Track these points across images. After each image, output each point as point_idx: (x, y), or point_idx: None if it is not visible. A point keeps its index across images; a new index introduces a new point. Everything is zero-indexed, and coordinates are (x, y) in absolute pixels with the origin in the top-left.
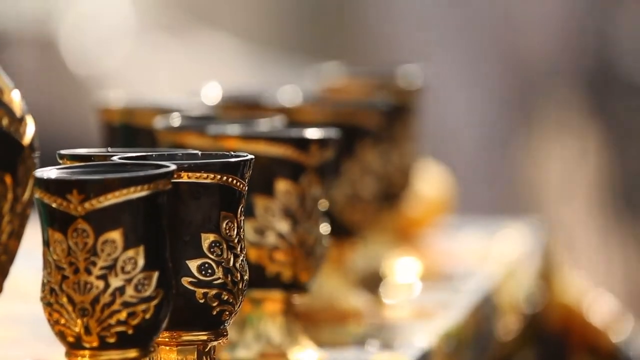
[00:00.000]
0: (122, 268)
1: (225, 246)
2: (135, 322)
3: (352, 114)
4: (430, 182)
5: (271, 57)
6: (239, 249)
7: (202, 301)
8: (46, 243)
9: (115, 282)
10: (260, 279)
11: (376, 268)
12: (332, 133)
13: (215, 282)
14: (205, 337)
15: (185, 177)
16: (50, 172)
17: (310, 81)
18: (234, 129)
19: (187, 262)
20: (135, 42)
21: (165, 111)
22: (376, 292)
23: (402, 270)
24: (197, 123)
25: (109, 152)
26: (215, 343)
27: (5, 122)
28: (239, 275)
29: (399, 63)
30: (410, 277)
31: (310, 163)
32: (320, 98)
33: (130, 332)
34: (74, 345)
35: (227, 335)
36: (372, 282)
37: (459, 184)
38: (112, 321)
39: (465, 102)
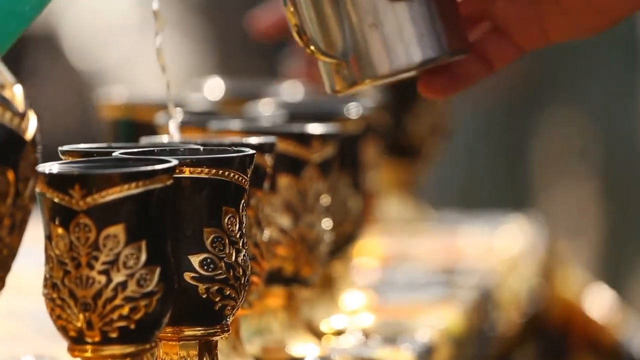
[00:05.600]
0: (124, 263)
1: (227, 241)
2: (137, 317)
3: None
4: None
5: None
6: (240, 244)
7: (204, 296)
8: (48, 238)
9: (117, 277)
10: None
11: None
12: (334, 128)
13: (217, 277)
14: (207, 332)
15: (187, 172)
16: (52, 167)
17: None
18: (235, 124)
19: (189, 257)
20: (137, 37)
21: (167, 106)
22: (377, 286)
23: (403, 263)
24: (199, 118)
25: (110, 147)
26: (217, 338)
27: (7, 117)
28: (241, 270)
29: None
30: (410, 271)
31: (312, 158)
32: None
33: (132, 327)
34: (76, 340)
35: (229, 330)
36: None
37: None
38: (114, 316)
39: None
